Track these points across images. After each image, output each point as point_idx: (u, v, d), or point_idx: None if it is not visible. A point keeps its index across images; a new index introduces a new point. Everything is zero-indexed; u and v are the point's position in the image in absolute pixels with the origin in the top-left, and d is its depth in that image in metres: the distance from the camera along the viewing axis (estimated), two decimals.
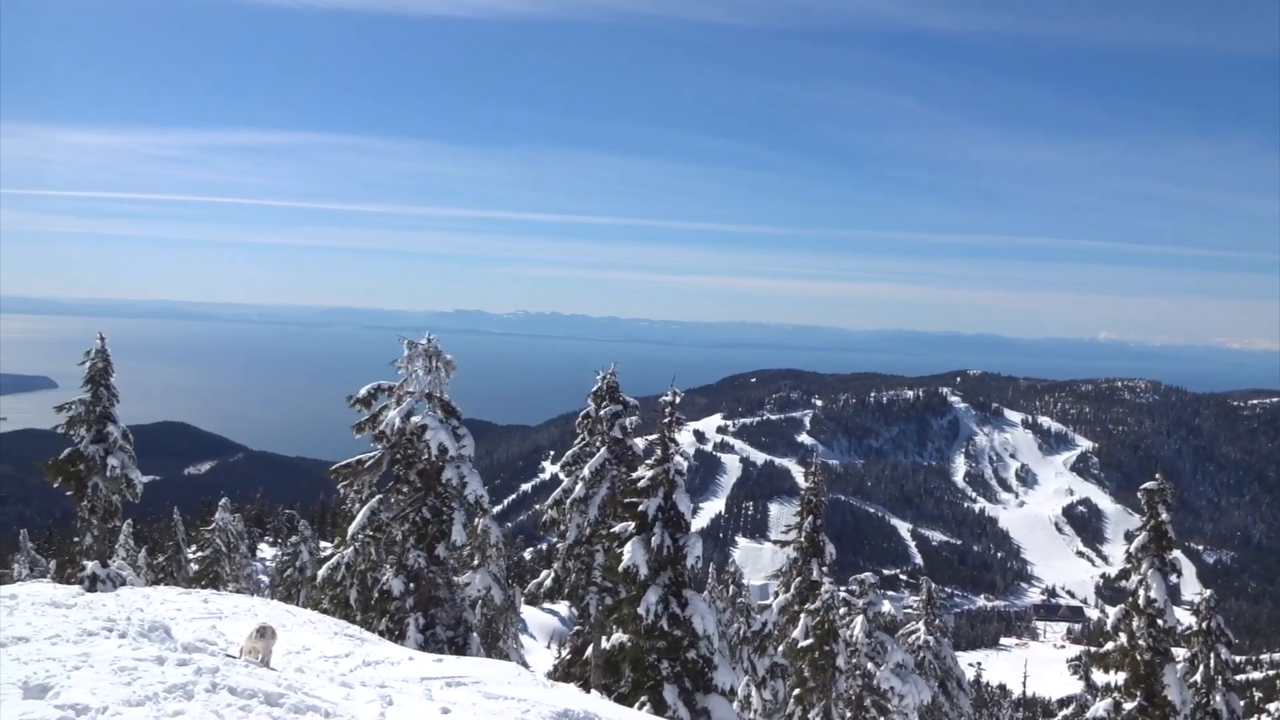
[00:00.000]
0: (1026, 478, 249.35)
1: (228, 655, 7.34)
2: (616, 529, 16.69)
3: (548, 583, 27.40)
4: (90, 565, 22.26)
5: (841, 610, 24.67)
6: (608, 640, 16.20)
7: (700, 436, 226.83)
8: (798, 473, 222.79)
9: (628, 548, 15.46)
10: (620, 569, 15.39)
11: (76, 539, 26.29)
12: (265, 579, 52.85)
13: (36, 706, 4.82)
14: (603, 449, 25.12)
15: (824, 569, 25.68)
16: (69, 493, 24.66)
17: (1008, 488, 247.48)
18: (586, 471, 24.86)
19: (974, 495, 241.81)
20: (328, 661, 8.97)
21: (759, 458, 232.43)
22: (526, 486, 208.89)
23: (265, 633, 8.09)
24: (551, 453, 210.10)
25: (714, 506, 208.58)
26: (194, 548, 51.72)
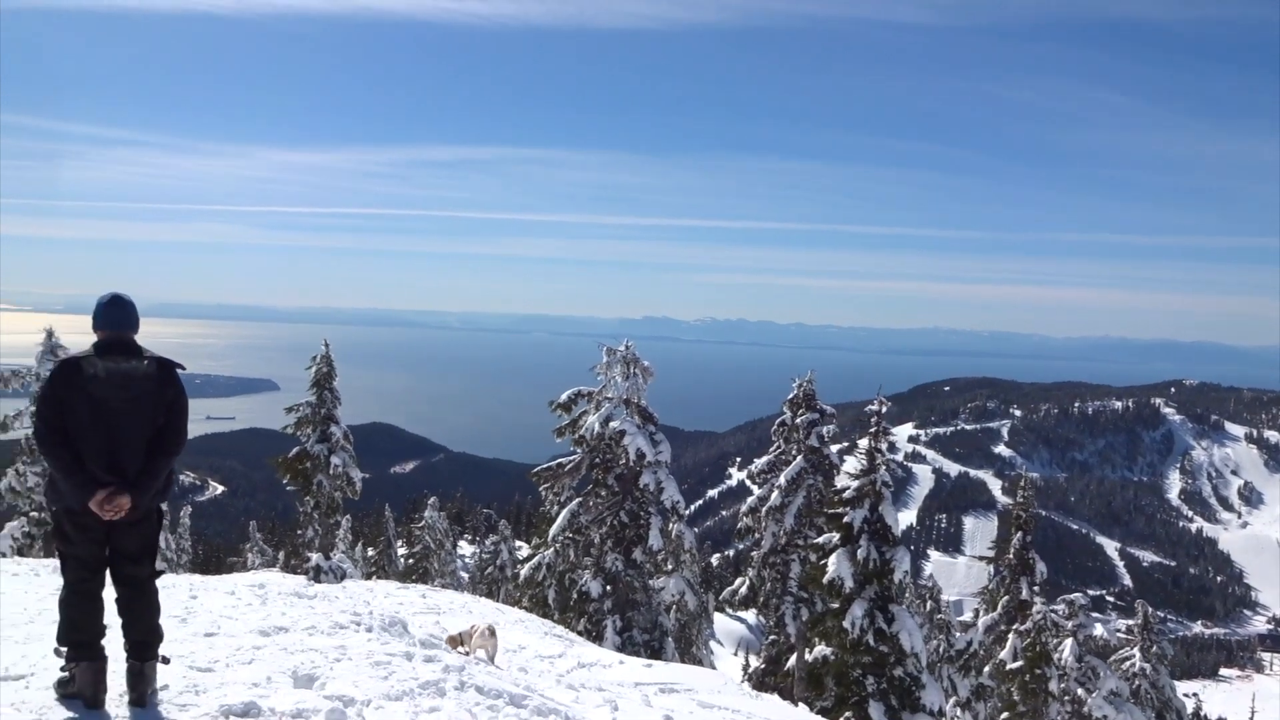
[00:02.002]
0: (1250, 496, 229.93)
1: (462, 651, 7.62)
2: (819, 540, 16.38)
3: (742, 590, 27.30)
4: (315, 557, 23.67)
5: (1049, 632, 23.43)
6: (810, 652, 15.92)
7: (891, 446, 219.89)
8: (994, 485, 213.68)
9: (832, 559, 15.14)
10: (824, 581, 15.08)
11: (300, 532, 28.06)
12: (466, 576, 55.00)
13: (307, 696, 5.11)
14: (799, 457, 24.81)
15: (1034, 588, 24.44)
16: (293, 488, 26.36)
17: (1229, 507, 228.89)
18: (782, 480, 24.60)
19: (1190, 514, 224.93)
20: (544, 661, 9.16)
21: (952, 469, 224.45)
22: (713, 492, 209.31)
23: (492, 631, 8.34)
24: (738, 459, 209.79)
25: (905, 518, 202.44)
26: (401, 543, 54.41)
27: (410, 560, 49.91)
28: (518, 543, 53.95)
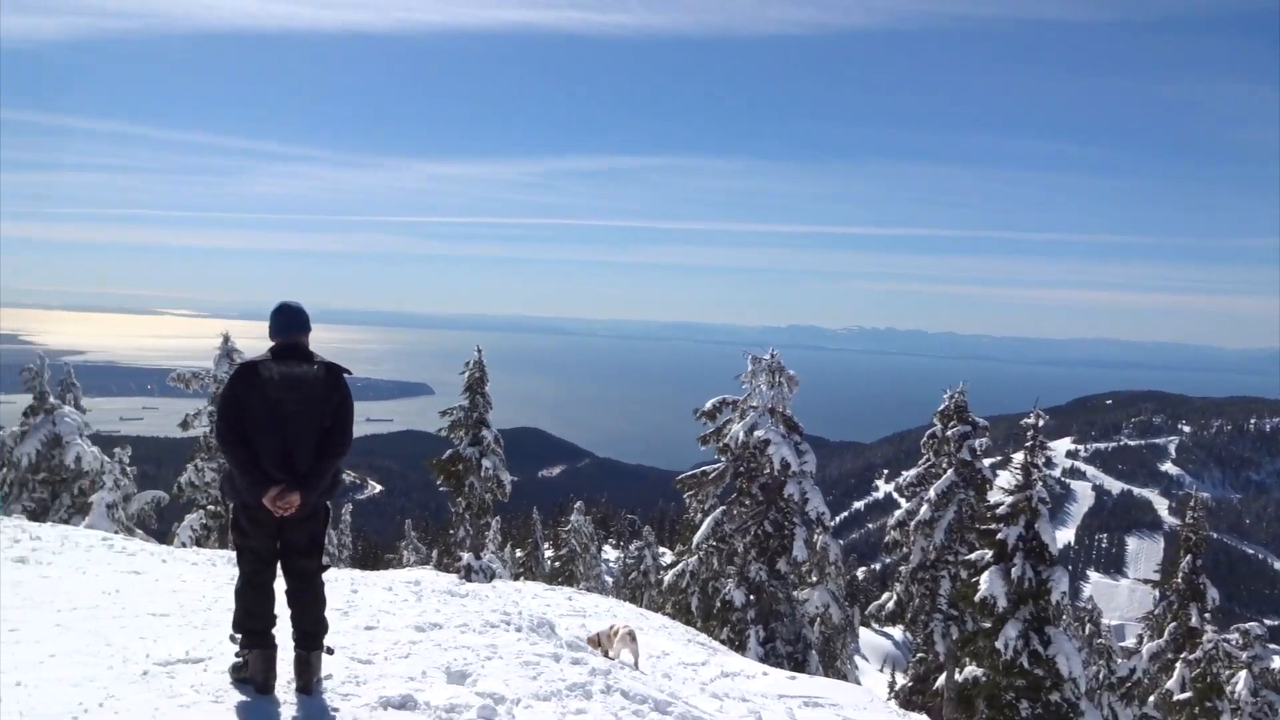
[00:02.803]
0: None
1: (605, 655, 7.71)
2: (970, 556, 15.85)
3: (889, 605, 26.68)
4: (466, 557, 24.37)
5: (1222, 662, 21.99)
6: (960, 672, 15.41)
7: (1048, 461, 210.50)
8: (1160, 505, 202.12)
9: (984, 577, 14.62)
10: (976, 599, 14.58)
11: (452, 531, 28.92)
12: (610, 580, 55.60)
13: (460, 692, 5.28)
14: (949, 470, 24.10)
15: (1205, 615, 23.01)
16: (445, 489, 27.21)
17: None
18: (932, 493, 23.95)
19: None
20: (688, 669, 9.17)
21: (1114, 486, 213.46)
22: (859, 504, 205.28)
23: (633, 635, 8.40)
24: (885, 471, 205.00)
25: (1062, 536, 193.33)
26: (548, 545, 55.45)
27: (557, 563, 50.80)
28: (661, 549, 54.21)
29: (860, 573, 79.17)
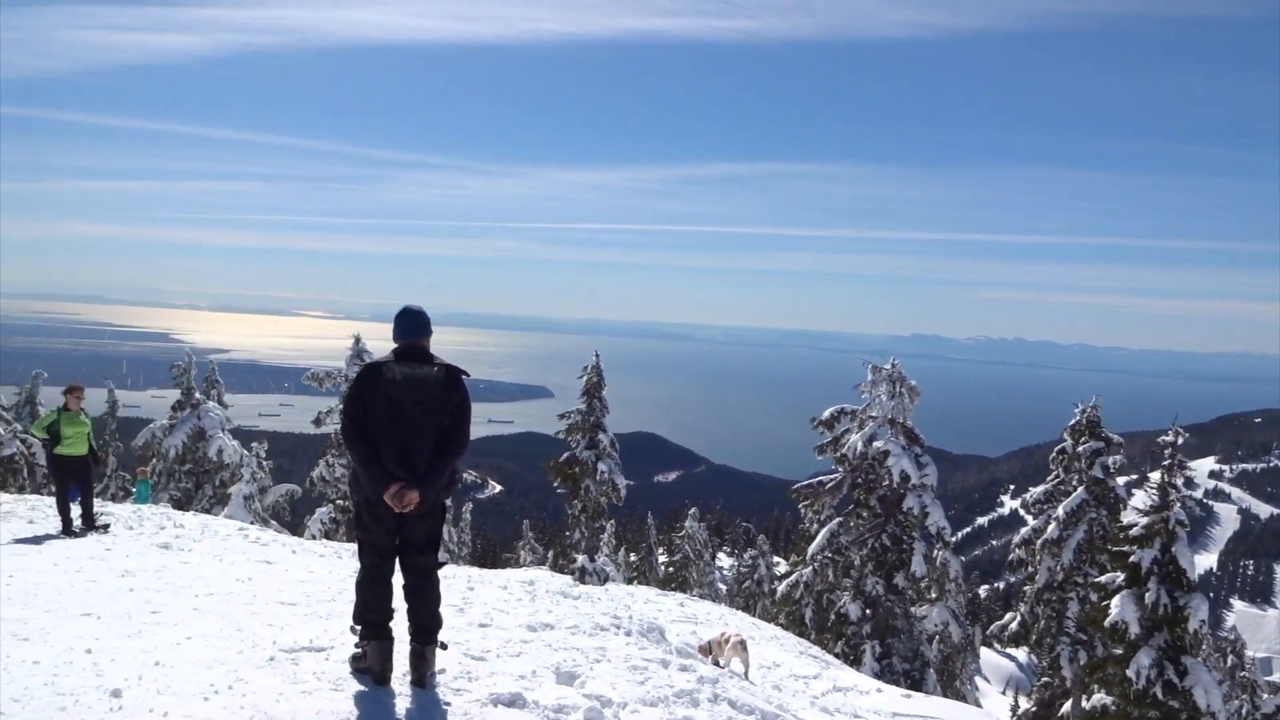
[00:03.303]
0: None
1: (714, 663, 7.70)
2: (1101, 579, 15.21)
3: (1013, 626, 25.83)
4: (580, 559, 24.67)
5: None
6: (1088, 700, 14.80)
7: (1189, 481, 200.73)
8: None
9: (1115, 601, 14.01)
10: (1106, 624, 13.97)
11: (568, 533, 29.29)
12: (723, 588, 55.38)
13: (568, 693, 5.35)
14: (1080, 488, 23.21)
15: None
16: (562, 491, 27.59)
17: None
18: (1061, 512, 23.11)
19: None
20: (799, 681, 9.07)
21: (1263, 510, 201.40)
22: (983, 520, 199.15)
23: (744, 643, 8.35)
24: (1011, 487, 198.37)
25: (1204, 561, 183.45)
26: (662, 550, 55.57)
27: (670, 568, 50.89)
28: (776, 558, 53.74)
29: (982, 591, 76.82)
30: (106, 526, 13.36)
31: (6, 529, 13.29)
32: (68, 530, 12.82)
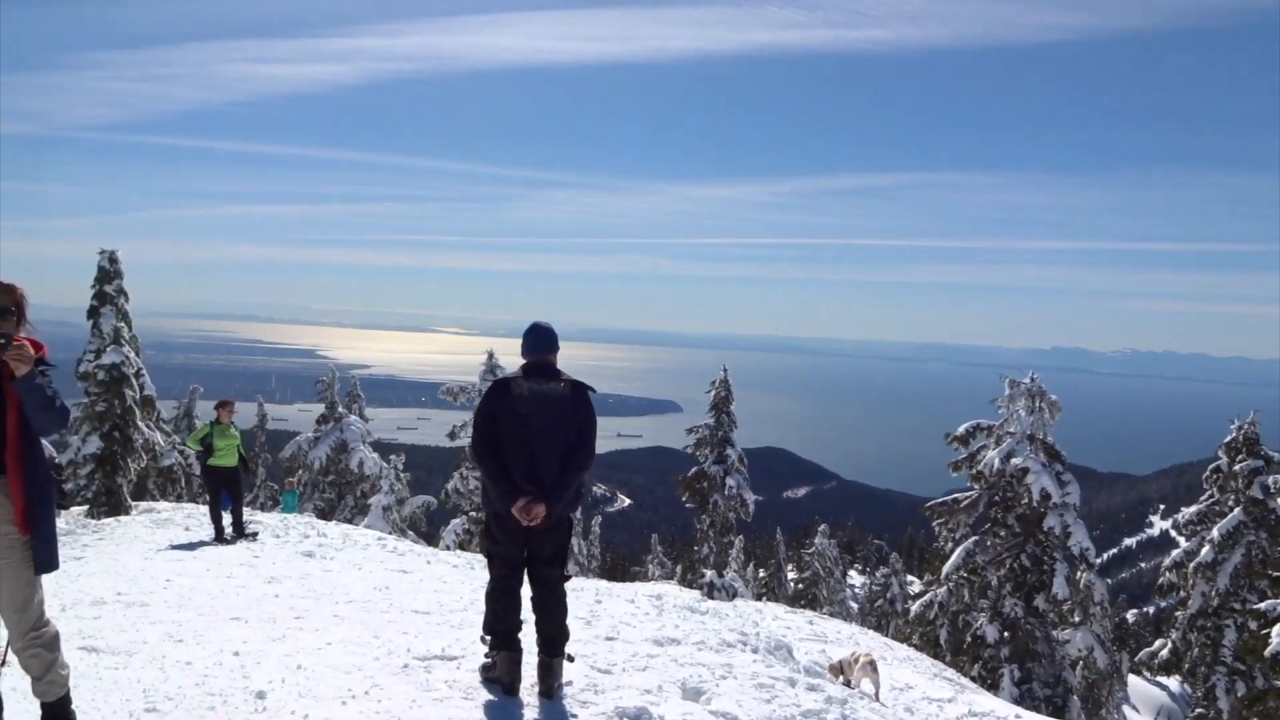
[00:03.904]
0: None
1: (845, 683, 7.56)
2: (1261, 606, 14.32)
3: (1163, 654, 24.55)
4: (709, 574, 24.59)
5: None
6: None
7: None
8: None
9: (1277, 630, 13.16)
10: (1266, 654, 13.14)
11: (696, 548, 29.27)
12: (854, 606, 54.36)
13: (693, 709, 5.34)
14: (1237, 509, 21.93)
15: None
16: (690, 505, 27.60)
17: None
18: (1215, 534, 21.87)
19: None
20: (932, 705, 8.81)
21: None
22: (1130, 541, 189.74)
23: (874, 664, 8.18)
24: (1161, 507, 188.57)
25: None
26: (791, 567, 54.92)
27: (799, 585, 50.25)
28: (909, 577, 52.46)
29: (1130, 615, 73.15)
30: (255, 534, 14.03)
31: (165, 536, 14.11)
32: (219, 538, 13.52)
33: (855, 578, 71.68)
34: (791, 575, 53.41)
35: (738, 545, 45.67)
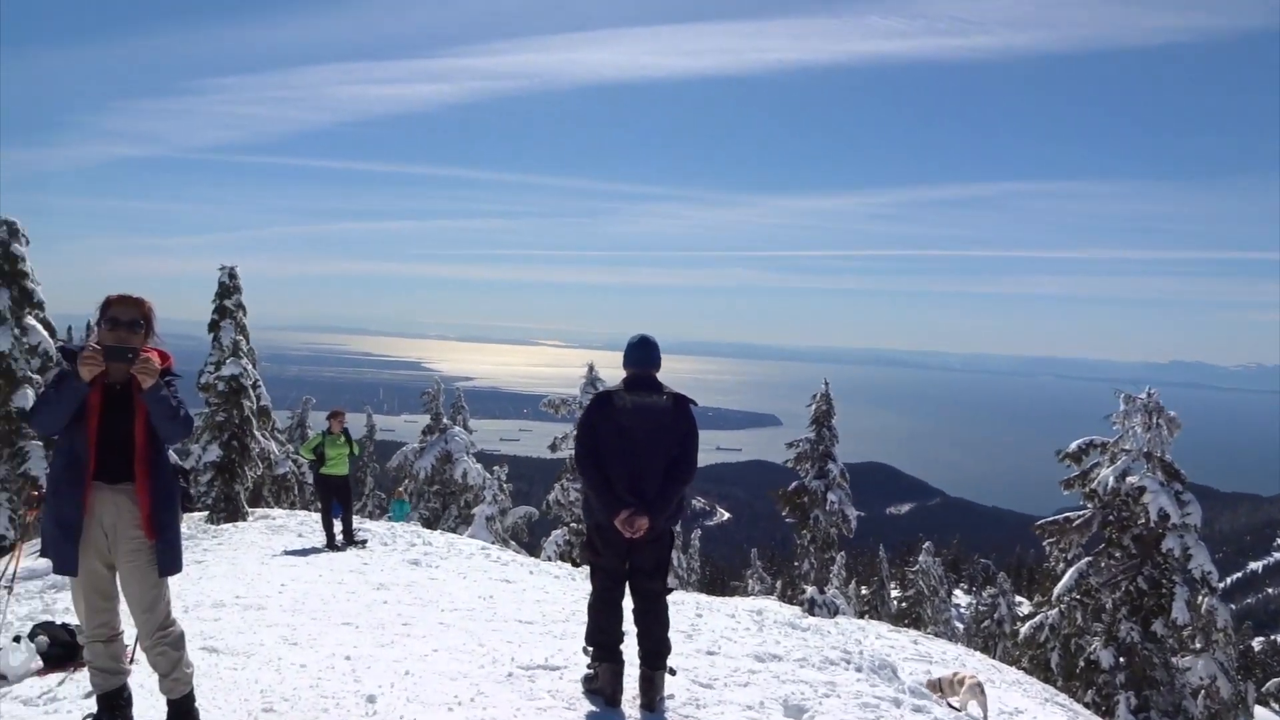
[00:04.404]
0: None
1: (949, 703, 7.38)
2: None
3: None
4: (809, 590, 24.30)
5: None
6: None
7: None
8: None
9: None
10: None
11: (796, 563, 28.96)
12: (960, 626, 53.01)
13: None
14: None
15: None
16: (790, 520, 27.32)
17: None
18: None
19: None
20: None
21: None
22: (1255, 566, 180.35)
23: (981, 686, 7.97)
24: None
25: None
26: (894, 585, 53.86)
27: (903, 604, 49.25)
28: (1017, 598, 50.92)
29: (1257, 643, 69.55)
30: (364, 542, 14.41)
31: (279, 541, 14.60)
32: (331, 544, 13.93)
33: (960, 597, 69.91)
34: (895, 593, 52.39)
35: (839, 561, 44.99)
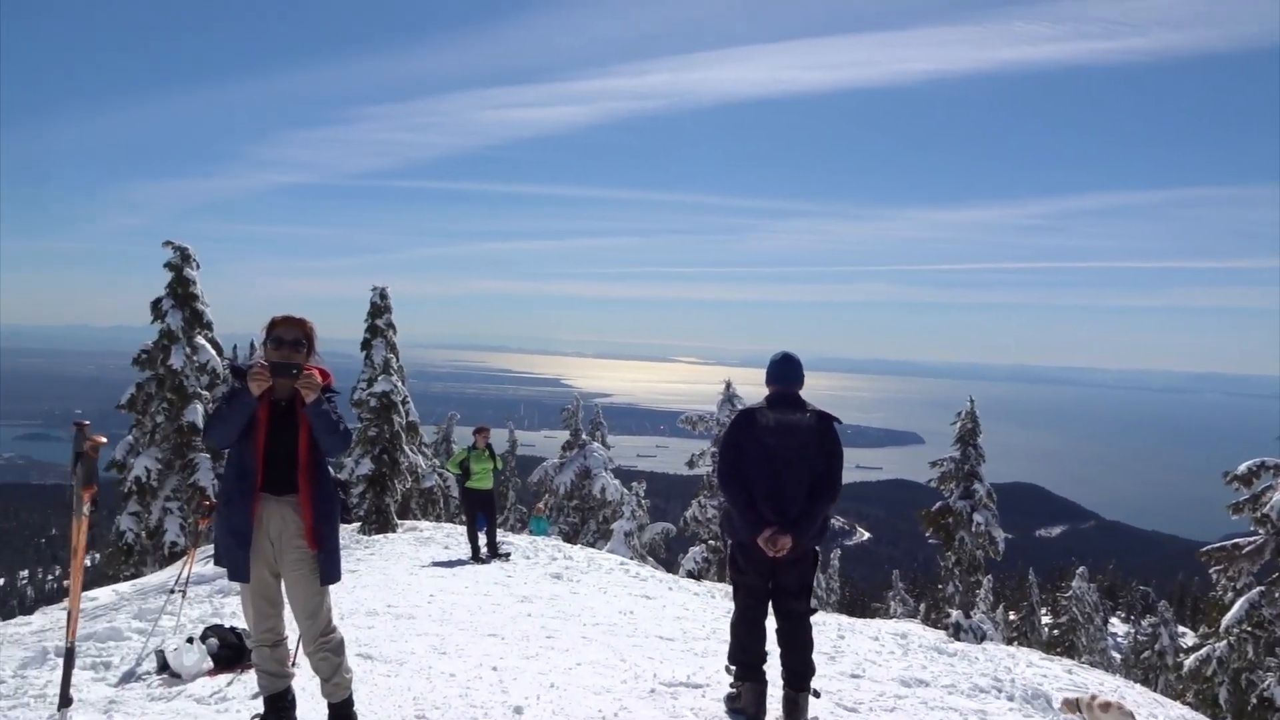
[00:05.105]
0: None
1: None
2: None
3: None
4: (955, 614, 23.55)
5: None
6: None
7: None
8: None
9: None
10: None
11: (940, 586, 28.10)
12: (1118, 657, 50.38)
13: None
14: None
15: None
16: (934, 541, 26.55)
17: None
18: None
19: None
20: None
21: None
22: None
23: (1132, 714, 7.55)
24: None
25: None
26: (1045, 611, 51.65)
27: (1055, 631, 47.18)
28: (1180, 628, 48.10)
29: None
30: (508, 555, 14.72)
31: (427, 553, 15.06)
32: (475, 557, 14.28)
33: (1117, 626, 66.50)
34: (1046, 620, 50.23)
35: (986, 585, 43.44)
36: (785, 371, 5.65)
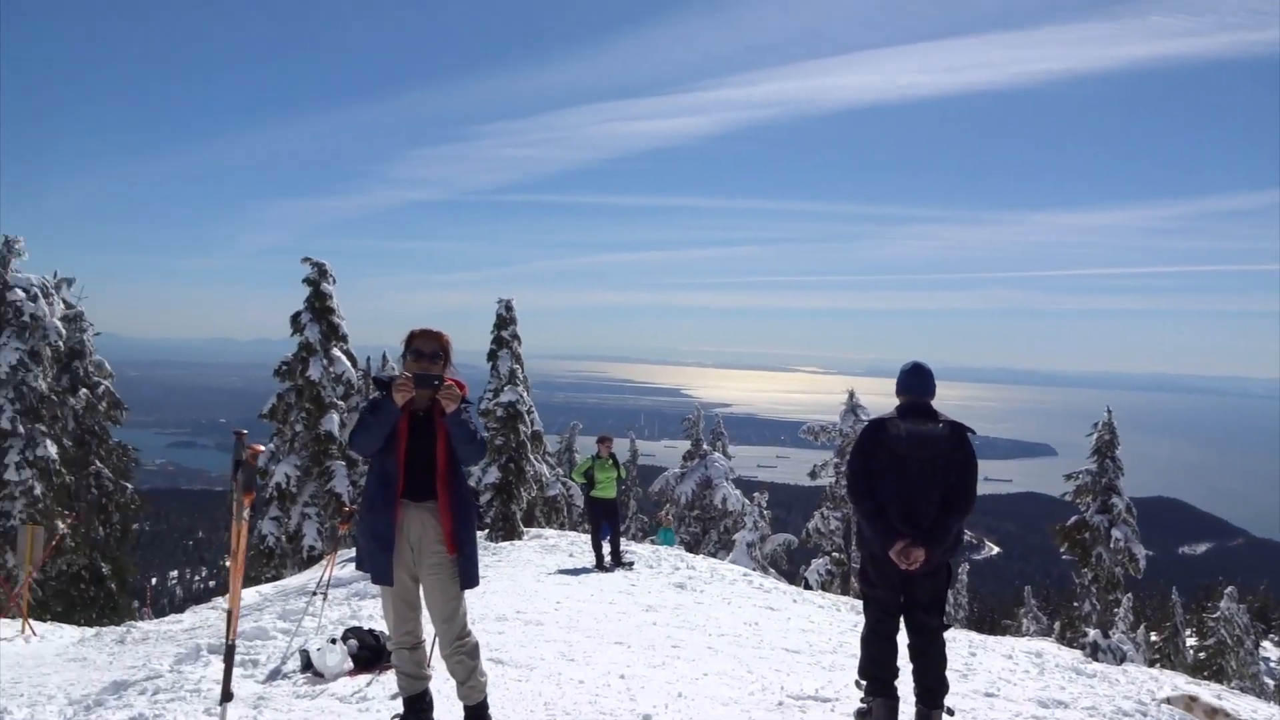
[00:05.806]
0: None
1: None
2: None
3: None
4: (1092, 633, 22.65)
5: None
6: None
7: None
8: None
9: None
10: None
11: (1076, 604, 27.04)
12: (1271, 683, 47.50)
13: None
14: None
15: None
16: (1069, 557, 25.58)
17: None
18: None
19: None
20: None
21: None
22: None
23: None
24: None
25: None
26: (1190, 632, 49.13)
27: (1201, 654, 44.79)
28: None
29: None
30: (631, 564, 14.83)
31: (552, 561, 15.30)
32: (599, 565, 14.43)
33: (1270, 650, 62.68)
34: (1191, 641, 47.75)
35: (1125, 604, 41.54)
36: (917, 381, 5.56)
